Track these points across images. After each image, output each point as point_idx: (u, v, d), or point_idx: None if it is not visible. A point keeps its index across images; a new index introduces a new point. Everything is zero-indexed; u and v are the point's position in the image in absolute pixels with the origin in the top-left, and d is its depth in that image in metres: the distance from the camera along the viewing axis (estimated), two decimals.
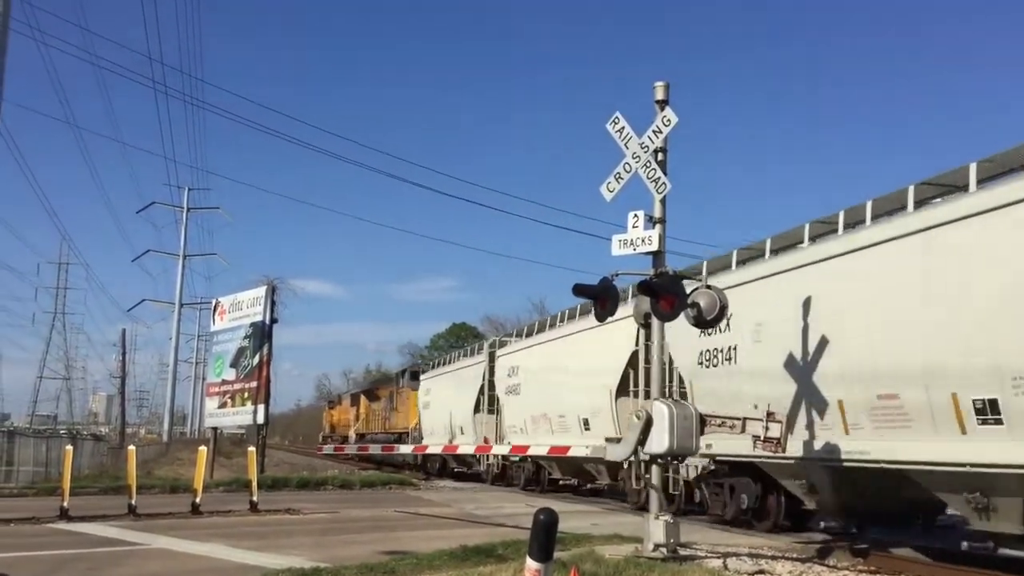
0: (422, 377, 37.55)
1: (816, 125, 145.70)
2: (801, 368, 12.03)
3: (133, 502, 15.55)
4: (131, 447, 18.82)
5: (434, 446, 28.87)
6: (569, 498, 22.14)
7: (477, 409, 28.85)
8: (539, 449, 18.99)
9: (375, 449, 27.98)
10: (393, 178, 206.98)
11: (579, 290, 11.32)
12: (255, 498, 16.85)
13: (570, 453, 17.03)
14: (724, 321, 11.82)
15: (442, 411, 32.87)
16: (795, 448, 12.10)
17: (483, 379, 28.31)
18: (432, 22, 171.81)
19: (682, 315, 11.03)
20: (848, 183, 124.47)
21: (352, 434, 49.28)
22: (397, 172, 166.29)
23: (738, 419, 11.33)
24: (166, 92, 69.25)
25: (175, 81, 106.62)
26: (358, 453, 39.69)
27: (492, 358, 27.95)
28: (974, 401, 9.20)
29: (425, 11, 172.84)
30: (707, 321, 11.38)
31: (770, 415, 11.28)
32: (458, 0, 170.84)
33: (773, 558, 10.97)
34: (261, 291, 28.31)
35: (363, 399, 50.08)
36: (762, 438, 11.14)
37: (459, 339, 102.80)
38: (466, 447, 27.04)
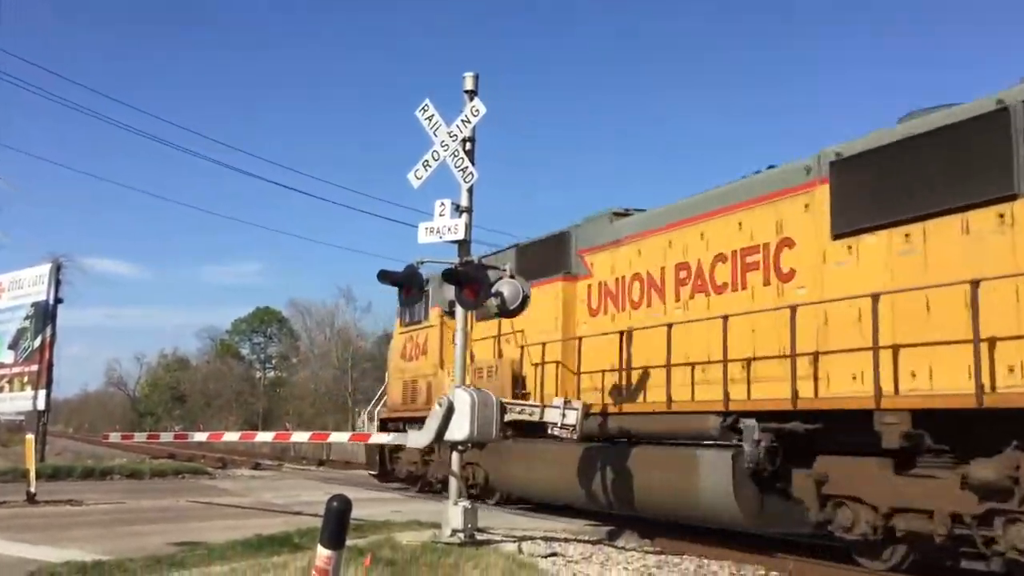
0: None
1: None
2: None
3: None
4: None
5: None
6: (371, 485, 22.04)
7: None
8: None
9: None
10: (194, 155, 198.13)
11: (384, 276, 11.26)
12: (33, 488, 15.82)
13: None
14: None
15: None
16: None
17: None
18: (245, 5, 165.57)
19: None
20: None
21: None
22: (199, 150, 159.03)
23: (537, 406, 11.64)
24: None
25: None
26: None
27: None
28: None
29: None
30: (510, 311, 11.61)
31: (567, 402, 11.65)
32: None
33: (566, 540, 11.35)
34: (45, 268, 26.48)
35: None
36: (559, 425, 11.50)
37: (262, 323, 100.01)
38: None
